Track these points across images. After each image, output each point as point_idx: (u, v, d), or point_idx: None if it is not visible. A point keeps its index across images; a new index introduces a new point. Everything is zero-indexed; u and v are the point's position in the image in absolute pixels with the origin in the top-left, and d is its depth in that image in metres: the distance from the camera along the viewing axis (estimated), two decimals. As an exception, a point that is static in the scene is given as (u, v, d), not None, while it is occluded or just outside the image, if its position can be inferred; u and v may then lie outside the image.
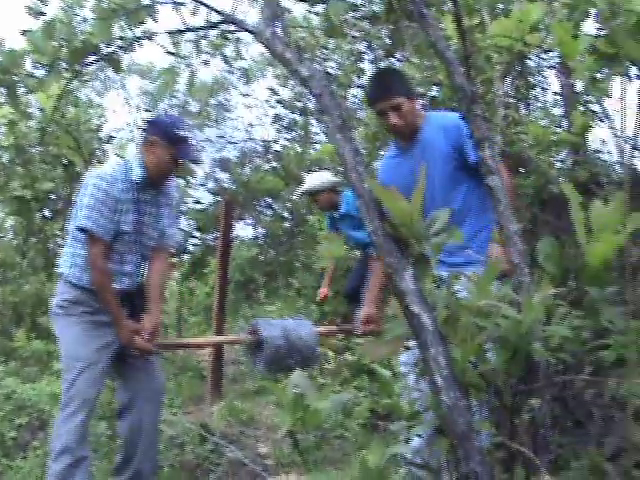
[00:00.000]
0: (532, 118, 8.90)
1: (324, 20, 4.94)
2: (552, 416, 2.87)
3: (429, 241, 2.43)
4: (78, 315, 4.48)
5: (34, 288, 10.17)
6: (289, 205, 13.27)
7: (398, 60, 8.08)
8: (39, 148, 9.49)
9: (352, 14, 7.71)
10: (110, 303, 4.39)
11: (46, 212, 10.44)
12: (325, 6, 4.87)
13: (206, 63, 4.27)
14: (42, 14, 3.77)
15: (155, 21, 4.19)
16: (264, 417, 6.42)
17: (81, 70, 3.81)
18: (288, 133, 13.40)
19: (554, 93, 10.38)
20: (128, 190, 4.49)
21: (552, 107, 10.74)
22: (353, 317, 5.29)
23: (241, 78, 13.78)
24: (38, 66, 3.60)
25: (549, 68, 9.65)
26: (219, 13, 3.24)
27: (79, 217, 4.39)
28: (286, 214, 13.37)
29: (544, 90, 11.09)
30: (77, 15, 4.30)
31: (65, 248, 4.67)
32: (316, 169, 10.47)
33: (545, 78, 10.97)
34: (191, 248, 13.76)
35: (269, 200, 13.58)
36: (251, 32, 2.88)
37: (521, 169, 8.05)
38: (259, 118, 17.73)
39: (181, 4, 4.11)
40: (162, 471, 5.14)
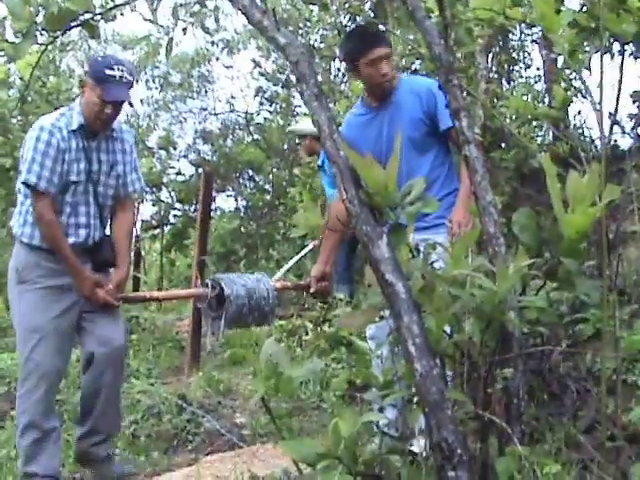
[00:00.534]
0: (514, 93, 8.92)
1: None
2: (528, 388, 2.89)
3: (404, 209, 2.43)
4: (32, 281, 4.26)
5: (13, 258, 10.09)
6: (270, 177, 13.25)
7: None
8: (19, 117, 9.41)
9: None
10: (65, 255, 4.19)
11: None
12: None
13: (184, 31, 4.18)
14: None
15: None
16: (242, 387, 6.42)
17: (57, 37, 3.74)
18: (270, 105, 13.35)
19: (537, 69, 10.39)
20: (70, 138, 4.24)
21: (535, 83, 10.76)
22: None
23: (223, 50, 13.69)
24: (18, 35, 3.56)
25: (532, 42, 9.65)
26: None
27: (22, 172, 4.18)
28: (267, 186, 13.34)
29: (528, 67, 11.10)
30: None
31: (17, 208, 4.43)
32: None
33: (529, 54, 10.98)
34: (172, 219, 13.76)
35: (251, 172, 13.56)
36: (229, -1, 2.85)
37: (502, 143, 8.08)
38: (241, 90, 17.61)
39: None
40: (139, 440, 5.15)
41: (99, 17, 3.81)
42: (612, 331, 2.83)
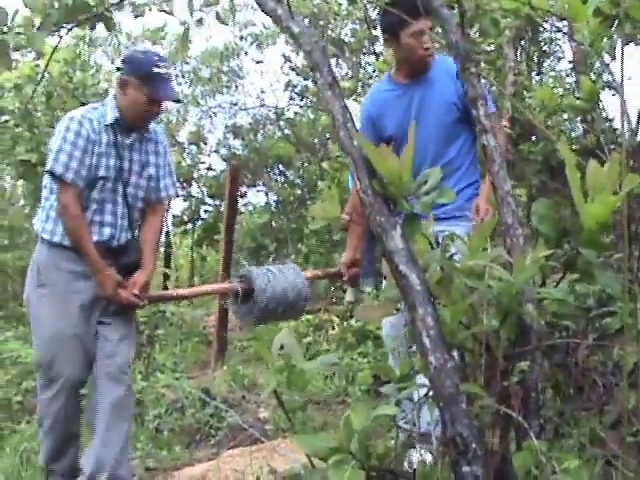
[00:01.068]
0: (543, 85, 8.84)
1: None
2: (554, 382, 2.84)
3: (419, 200, 2.38)
4: (50, 285, 4.12)
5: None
6: (300, 172, 13.26)
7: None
8: (45, 112, 9.43)
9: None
10: (87, 252, 4.02)
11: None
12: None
13: (200, 22, 4.11)
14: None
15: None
16: (266, 382, 6.42)
17: (71, 29, 3.71)
18: (300, 100, 13.35)
19: (569, 62, 10.31)
20: (101, 132, 4.11)
21: (566, 76, 10.67)
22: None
23: (252, 44, 13.72)
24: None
25: (563, 34, 9.56)
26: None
27: (49, 162, 4.04)
28: (298, 181, 13.34)
29: (559, 60, 11.01)
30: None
31: (41, 204, 4.29)
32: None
33: (560, 47, 10.89)
34: (203, 215, 13.81)
35: (281, 167, 13.58)
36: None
37: (531, 136, 8.01)
38: (271, 85, 17.66)
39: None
40: (162, 434, 5.15)
41: (114, 9, 3.78)
42: (634, 324, 2.77)
